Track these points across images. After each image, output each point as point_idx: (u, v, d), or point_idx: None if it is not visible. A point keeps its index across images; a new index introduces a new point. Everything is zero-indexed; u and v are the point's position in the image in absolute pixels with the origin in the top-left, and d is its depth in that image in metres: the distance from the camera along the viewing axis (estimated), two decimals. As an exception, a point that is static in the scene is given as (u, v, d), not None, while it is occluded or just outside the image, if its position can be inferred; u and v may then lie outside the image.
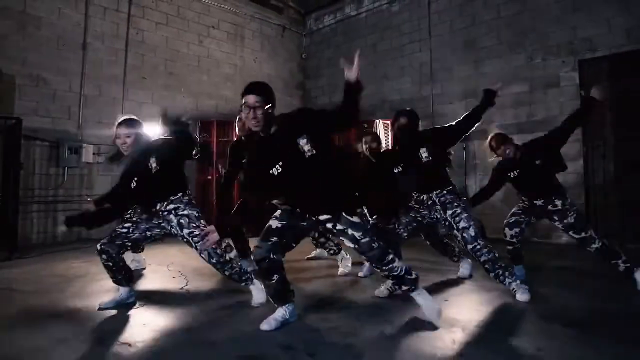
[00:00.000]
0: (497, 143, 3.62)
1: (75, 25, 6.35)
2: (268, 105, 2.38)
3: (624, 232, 5.56)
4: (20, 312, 2.87)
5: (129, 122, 3.07)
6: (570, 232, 3.56)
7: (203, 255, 3.02)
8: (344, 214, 2.48)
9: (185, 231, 3.02)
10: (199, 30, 7.92)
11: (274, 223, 2.53)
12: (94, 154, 6.29)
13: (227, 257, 3.18)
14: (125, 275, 3.06)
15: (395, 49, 8.19)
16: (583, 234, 3.49)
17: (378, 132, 6.30)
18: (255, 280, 3.11)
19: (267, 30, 9.09)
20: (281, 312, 2.58)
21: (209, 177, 6.86)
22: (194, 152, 5.40)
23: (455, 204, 3.29)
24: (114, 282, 3.04)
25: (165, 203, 3.06)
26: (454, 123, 3.38)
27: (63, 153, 6.00)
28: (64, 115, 6.19)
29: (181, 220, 3.02)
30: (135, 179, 3.00)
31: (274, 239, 2.51)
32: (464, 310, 2.93)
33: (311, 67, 9.70)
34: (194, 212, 3.10)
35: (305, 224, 2.59)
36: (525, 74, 6.54)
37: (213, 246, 2.97)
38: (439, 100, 7.44)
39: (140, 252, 4.39)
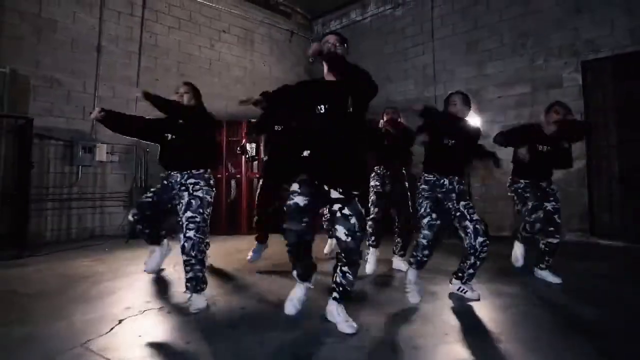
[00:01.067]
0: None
1: (90, 29, 6.00)
2: (344, 46, 2.40)
3: (627, 232, 5.14)
4: (17, 319, 2.51)
5: (193, 85, 3.05)
6: (556, 216, 3.41)
7: (186, 244, 2.67)
8: (357, 200, 2.24)
9: (188, 214, 2.69)
10: (211, 35, 7.54)
11: (300, 200, 2.20)
12: (107, 153, 5.94)
13: (205, 259, 2.85)
14: (159, 235, 2.98)
15: (398, 52, 7.77)
16: (560, 222, 3.43)
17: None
18: (204, 293, 2.77)
19: (276, 34, 8.69)
20: (302, 291, 2.40)
21: (219, 176, 6.49)
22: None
23: (468, 197, 2.98)
24: (150, 243, 2.96)
25: (187, 176, 2.79)
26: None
27: (77, 152, 5.65)
28: (78, 115, 5.83)
29: (192, 200, 2.72)
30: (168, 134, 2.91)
31: (306, 219, 2.20)
32: (480, 319, 2.54)
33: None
34: (208, 197, 2.81)
35: (322, 200, 2.29)
36: (527, 75, 6.11)
37: (201, 238, 2.72)
38: (442, 101, 7.00)
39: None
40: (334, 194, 2.22)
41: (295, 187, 2.25)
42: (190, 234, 2.67)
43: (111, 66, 6.19)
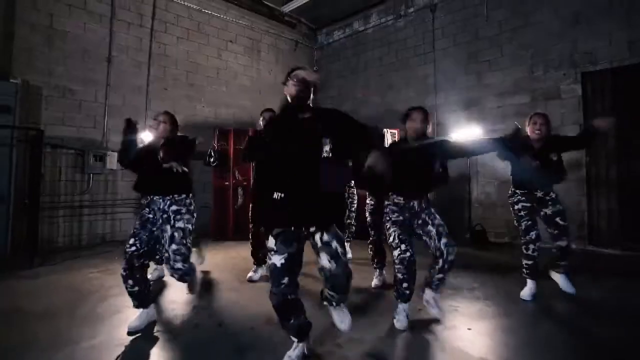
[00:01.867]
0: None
1: (100, 40, 5.78)
2: (314, 85, 2.08)
3: (625, 241, 4.92)
4: (20, 343, 2.31)
5: (172, 115, 2.88)
6: (558, 219, 3.17)
7: (176, 275, 2.68)
8: (335, 227, 1.99)
9: (174, 247, 2.61)
10: (218, 45, 7.31)
11: (277, 260, 1.94)
12: (118, 161, 5.71)
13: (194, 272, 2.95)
14: (148, 297, 2.62)
15: (400, 61, 7.54)
16: (566, 224, 3.17)
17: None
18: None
19: (281, 44, 8.46)
20: (300, 351, 2.06)
21: (226, 183, 6.29)
22: (212, 160, 4.79)
23: (433, 209, 2.73)
24: (138, 307, 2.58)
25: (169, 202, 2.66)
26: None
27: (88, 160, 5.45)
28: (90, 124, 5.63)
29: (175, 233, 2.63)
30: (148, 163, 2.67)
31: (285, 279, 1.94)
32: (491, 344, 2.34)
33: (322, 78, 9.05)
34: (189, 226, 2.72)
35: (300, 244, 2.03)
36: (526, 86, 5.88)
37: (188, 265, 2.72)
38: (442, 110, 6.80)
39: (162, 264, 3.85)
40: (313, 229, 1.99)
41: (271, 243, 1.99)
42: (179, 265, 2.64)
43: (121, 76, 5.97)
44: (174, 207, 2.67)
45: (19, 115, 4.83)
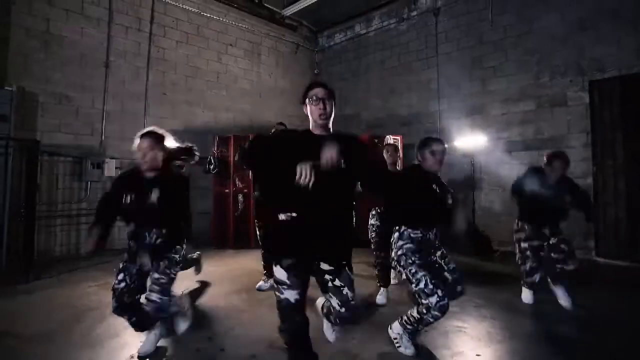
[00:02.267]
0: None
1: (98, 44, 5.70)
2: (333, 102, 1.92)
3: (633, 252, 4.86)
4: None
5: (153, 136, 2.49)
6: (562, 245, 3.32)
7: (148, 307, 2.35)
8: (347, 268, 1.91)
9: (155, 275, 2.39)
10: (218, 48, 7.23)
11: (291, 296, 1.81)
12: (116, 168, 5.64)
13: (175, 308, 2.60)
14: (149, 320, 2.49)
15: (402, 65, 7.46)
16: (568, 248, 3.31)
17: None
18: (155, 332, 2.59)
19: (281, 47, 8.38)
20: None
21: (226, 190, 6.22)
22: (212, 167, 4.69)
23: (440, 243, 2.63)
24: (140, 331, 2.49)
25: (155, 236, 2.43)
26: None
27: (86, 168, 5.38)
28: (87, 131, 5.55)
29: (160, 262, 2.42)
30: (133, 199, 2.39)
31: (299, 317, 1.86)
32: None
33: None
34: (177, 257, 2.50)
35: (310, 276, 1.93)
36: (532, 93, 5.80)
37: (165, 298, 2.41)
38: (446, 116, 6.73)
39: None
40: (324, 266, 1.89)
41: (282, 275, 1.82)
42: (154, 297, 2.34)
43: (119, 81, 5.90)
44: (159, 240, 2.48)
45: (15, 123, 4.75)
